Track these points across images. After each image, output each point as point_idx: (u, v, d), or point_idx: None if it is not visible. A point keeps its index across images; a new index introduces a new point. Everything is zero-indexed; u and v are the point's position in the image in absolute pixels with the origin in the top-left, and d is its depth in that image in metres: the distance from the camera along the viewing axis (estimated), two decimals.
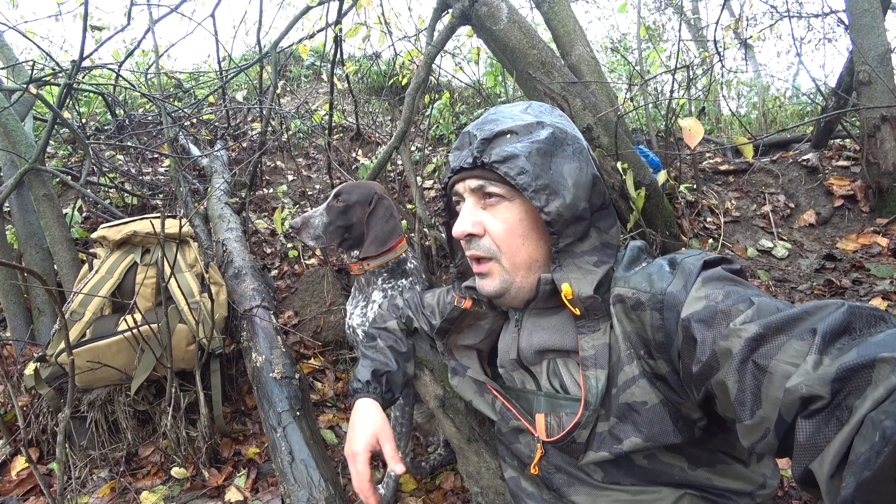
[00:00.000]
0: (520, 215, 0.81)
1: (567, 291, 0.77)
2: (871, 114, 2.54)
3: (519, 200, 0.81)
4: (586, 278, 0.78)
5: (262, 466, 1.74)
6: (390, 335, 1.26)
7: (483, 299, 0.95)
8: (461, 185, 0.86)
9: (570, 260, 0.79)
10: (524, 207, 0.81)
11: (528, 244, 0.82)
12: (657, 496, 0.78)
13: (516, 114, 0.84)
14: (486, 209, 0.84)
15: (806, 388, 0.47)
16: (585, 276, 0.78)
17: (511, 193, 0.81)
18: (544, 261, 0.83)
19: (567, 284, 0.77)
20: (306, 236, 1.54)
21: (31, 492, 1.65)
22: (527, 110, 0.85)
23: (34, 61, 2.55)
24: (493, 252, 0.83)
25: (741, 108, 5.60)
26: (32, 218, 2.18)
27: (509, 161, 0.77)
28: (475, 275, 0.88)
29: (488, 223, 0.83)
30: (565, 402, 0.83)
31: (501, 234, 0.82)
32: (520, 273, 0.83)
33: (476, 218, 0.84)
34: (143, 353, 1.67)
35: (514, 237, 0.82)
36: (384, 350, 1.21)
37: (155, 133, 3.58)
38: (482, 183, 0.82)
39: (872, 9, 2.56)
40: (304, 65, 5.84)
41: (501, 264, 0.83)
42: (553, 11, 2.64)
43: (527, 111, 0.85)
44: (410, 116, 2.24)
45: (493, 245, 0.83)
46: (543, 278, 0.81)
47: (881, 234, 2.47)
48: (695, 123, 1.55)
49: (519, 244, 0.82)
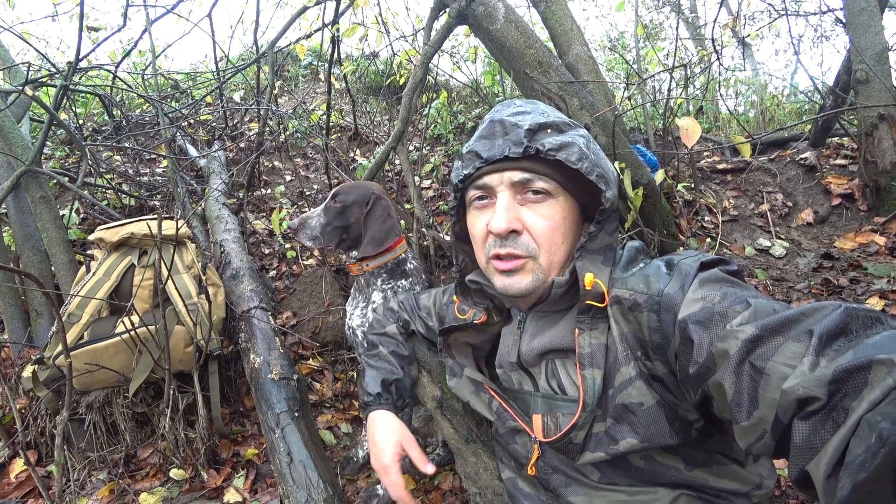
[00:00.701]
0: (563, 213, 0.80)
1: (590, 281, 0.76)
2: (869, 112, 2.54)
3: (563, 198, 0.80)
4: (601, 273, 0.78)
5: (260, 467, 1.74)
6: (391, 340, 1.26)
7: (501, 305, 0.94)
8: (496, 178, 0.80)
9: (586, 255, 0.79)
10: (567, 205, 0.81)
11: (567, 243, 0.81)
12: (654, 496, 0.78)
13: (543, 109, 0.83)
14: (524, 205, 0.80)
15: (802, 389, 0.48)
16: (601, 272, 0.78)
17: (557, 190, 0.79)
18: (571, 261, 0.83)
19: (590, 274, 0.77)
20: (304, 237, 1.54)
21: (30, 494, 1.65)
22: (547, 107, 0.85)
23: (30, 63, 2.54)
24: (532, 250, 0.80)
25: (739, 106, 5.60)
26: (29, 220, 2.17)
27: (566, 149, 0.75)
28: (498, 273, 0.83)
29: (529, 220, 0.80)
30: (563, 403, 0.83)
31: (546, 231, 0.79)
32: (554, 272, 0.82)
33: (515, 214, 0.79)
34: (140, 355, 1.67)
35: (556, 235, 0.80)
36: (388, 357, 1.21)
37: (152, 134, 3.57)
38: (529, 177, 0.78)
39: (870, 7, 2.56)
40: (301, 65, 5.83)
41: (539, 262, 0.80)
42: (550, 11, 2.64)
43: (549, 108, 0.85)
44: (408, 116, 2.24)
45: (532, 243, 0.80)
46: (557, 281, 0.80)
47: (879, 232, 2.47)
48: (692, 122, 1.55)
49: (559, 242, 0.80)
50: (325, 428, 1.93)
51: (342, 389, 2.15)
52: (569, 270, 0.81)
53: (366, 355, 1.26)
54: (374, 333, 1.29)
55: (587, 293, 0.76)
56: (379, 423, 1.07)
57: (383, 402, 1.11)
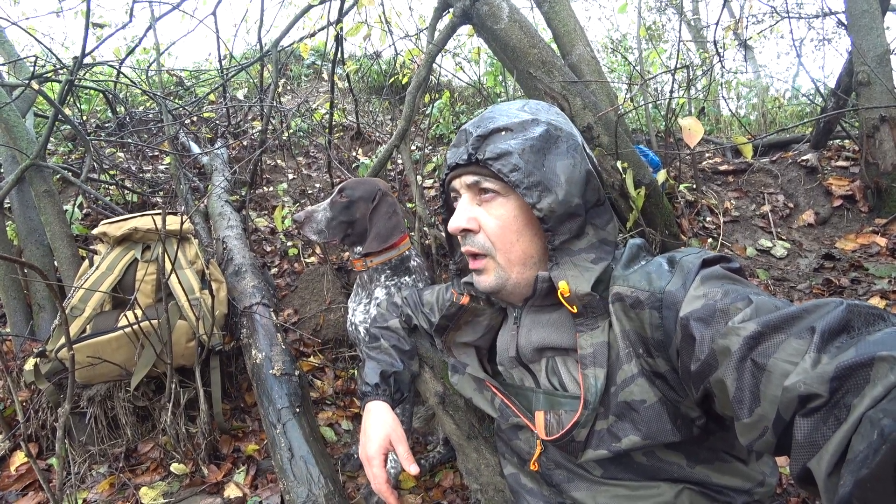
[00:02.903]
0: (514, 212, 0.82)
1: (564, 289, 0.77)
2: (870, 114, 2.54)
3: (513, 197, 0.82)
4: (584, 276, 0.78)
5: (261, 463, 1.75)
6: (393, 334, 1.26)
7: (481, 295, 0.95)
8: (457, 182, 0.87)
9: (567, 258, 0.80)
10: (518, 204, 0.82)
11: (522, 240, 0.83)
12: (656, 491, 0.79)
13: (513, 111, 0.84)
14: (481, 205, 0.85)
15: (804, 386, 0.48)
16: (583, 274, 0.78)
17: (506, 190, 0.82)
18: (540, 257, 0.84)
19: (564, 282, 0.78)
20: (309, 230, 1.54)
21: (31, 487, 1.65)
22: (523, 108, 0.85)
23: (36, 57, 2.55)
24: (487, 248, 0.84)
25: (741, 108, 5.60)
26: (33, 214, 2.18)
27: (502, 158, 0.78)
28: (472, 271, 0.89)
29: (483, 219, 0.84)
30: (564, 399, 0.83)
31: (496, 230, 0.82)
32: (515, 269, 0.84)
33: (471, 214, 0.84)
34: (143, 349, 1.67)
35: (508, 233, 0.82)
36: (388, 350, 1.21)
37: (155, 130, 3.58)
38: (477, 179, 0.83)
39: (871, 10, 2.56)
40: (304, 63, 5.84)
41: (496, 261, 0.84)
42: (554, 11, 2.64)
43: (523, 109, 0.85)
44: (411, 115, 2.24)
45: (487, 241, 0.84)
46: (541, 276, 0.81)
47: (880, 233, 2.47)
48: (694, 123, 1.55)
49: (513, 240, 0.82)
50: (325, 425, 1.94)
51: (343, 387, 2.16)
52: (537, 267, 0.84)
53: (367, 347, 1.26)
54: (377, 327, 1.30)
55: (567, 299, 0.78)
56: (373, 413, 1.07)
57: (381, 394, 1.11)
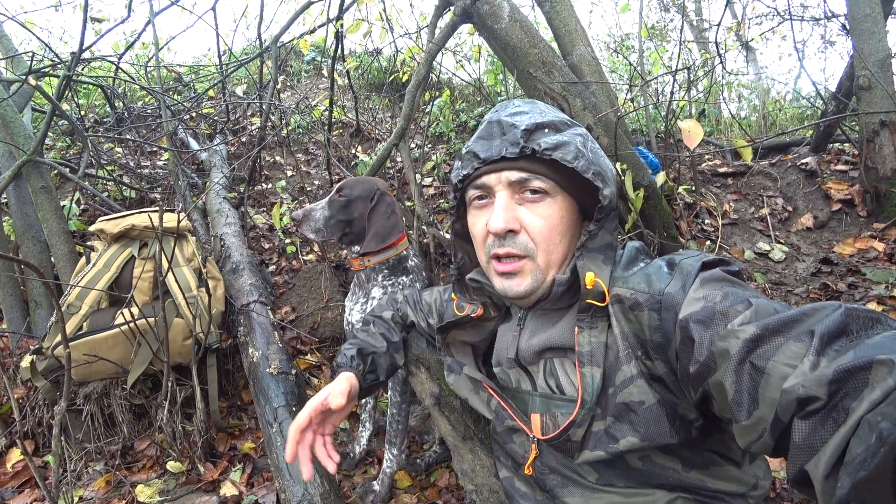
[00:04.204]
0: (561, 212, 0.80)
1: (590, 280, 0.76)
2: (871, 119, 2.55)
3: (560, 197, 0.80)
4: (602, 272, 0.78)
5: (257, 461, 1.74)
6: (384, 323, 1.26)
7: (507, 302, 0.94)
8: (494, 178, 0.80)
9: (586, 254, 0.79)
10: (565, 204, 0.81)
11: (564, 242, 0.81)
12: (650, 498, 0.78)
13: (543, 109, 0.83)
14: (522, 205, 0.80)
15: (803, 389, 0.48)
16: (601, 270, 0.78)
17: (554, 189, 0.79)
18: (570, 261, 0.83)
19: (591, 273, 0.77)
20: (307, 229, 1.54)
21: (27, 484, 1.65)
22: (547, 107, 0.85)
23: (33, 52, 2.54)
24: (529, 250, 0.80)
25: (741, 110, 5.61)
26: (30, 210, 2.17)
27: (562, 148, 0.76)
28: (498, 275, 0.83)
29: (527, 219, 0.80)
30: (561, 402, 0.83)
31: (543, 231, 0.79)
32: (552, 271, 0.82)
33: (514, 213, 0.80)
34: (139, 347, 1.67)
35: (554, 234, 0.80)
36: (375, 335, 1.21)
37: (154, 126, 3.57)
38: (526, 176, 0.78)
39: (873, 14, 2.56)
40: (304, 60, 5.83)
41: (536, 262, 0.81)
42: (555, 10, 2.64)
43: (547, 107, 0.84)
44: (410, 114, 2.24)
45: (530, 242, 0.80)
46: (558, 279, 0.81)
47: (878, 238, 2.47)
48: (694, 125, 1.55)
49: (557, 241, 0.80)
50: None
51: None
52: (569, 268, 0.81)
53: (355, 330, 1.26)
54: (371, 315, 1.30)
55: (588, 292, 0.76)
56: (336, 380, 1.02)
57: (353, 367, 1.08)
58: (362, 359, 1.12)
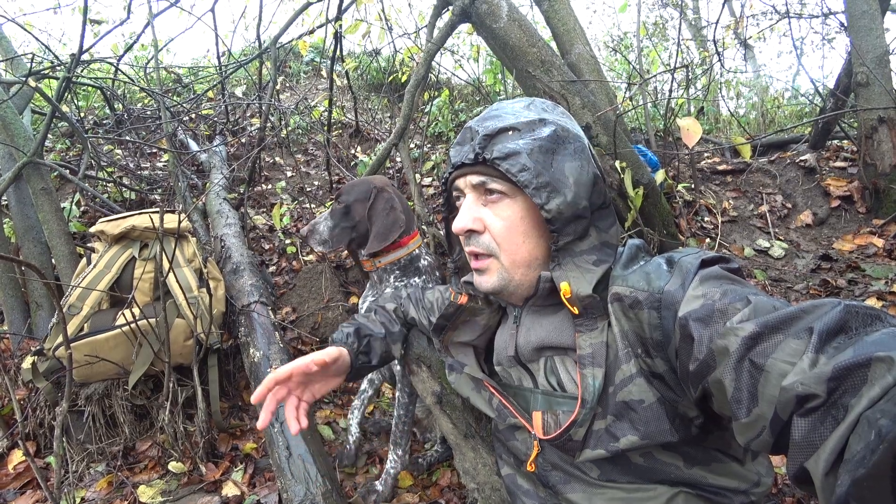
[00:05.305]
0: (521, 213, 0.81)
1: (566, 290, 0.78)
2: (869, 115, 2.55)
3: (520, 198, 0.81)
4: (585, 277, 0.78)
5: (259, 461, 1.75)
6: (386, 313, 1.27)
7: (480, 295, 0.95)
8: (462, 181, 0.85)
9: (569, 259, 0.80)
10: (526, 205, 0.81)
11: (528, 242, 0.82)
12: (652, 494, 0.79)
13: (519, 110, 0.84)
14: (486, 206, 0.83)
15: (802, 386, 0.48)
16: (584, 276, 0.78)
17: (513, 191, 0.81)
18: (544, 258, 0.84)
19: (566, 283, 0.78)
20: (314, 242, 1.55)
21: (28, 485, 1.65)
22: (529, 107, 0.85)
23: (33, 54, 2.54)
24: (492, 249, 0.83)
25: (740, 108, 5.61)
26: (30, 211, 2.17)
27: (511, 158, 0.77)
28: (473, 270, 0.88)
29: (488, 220, 0.83)
30: (562, 399, 0.83)
31: (502, 231, 0.82)
32: (519, 271, 0.83)
33: (476, 214, 0.83)
34: (140, 348, 1.67)
35: (514, 235, 0.82)
36: (376, 321, 1.22)
37: (154, 128, 3.57)
38: (483, 179, 0.82)
39: (871, 10, 2.56)
40: (303, 61, 5.82)
41: (500, 261, 0.83)
42: (553, 10, 2.64)
43: (529, 108, 0.85)
44: (410, 113, 2.24)
45: (492, 242, 0.83)
46: (543, 276, 0.81)
47: (877, 234, 2.48)
48: (693, 123, 1.56)
49: (519, 242, 0.82)
50: (323, 423, 1.94)
51: (341, 385, 2.15)
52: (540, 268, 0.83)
53: (356, 315, 1.27)
54: (376, 304, 1.31)
55: (570, 300, 0.77)
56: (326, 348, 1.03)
57: (347, 344, 1.09)
58: (358, 338, 1.12)
